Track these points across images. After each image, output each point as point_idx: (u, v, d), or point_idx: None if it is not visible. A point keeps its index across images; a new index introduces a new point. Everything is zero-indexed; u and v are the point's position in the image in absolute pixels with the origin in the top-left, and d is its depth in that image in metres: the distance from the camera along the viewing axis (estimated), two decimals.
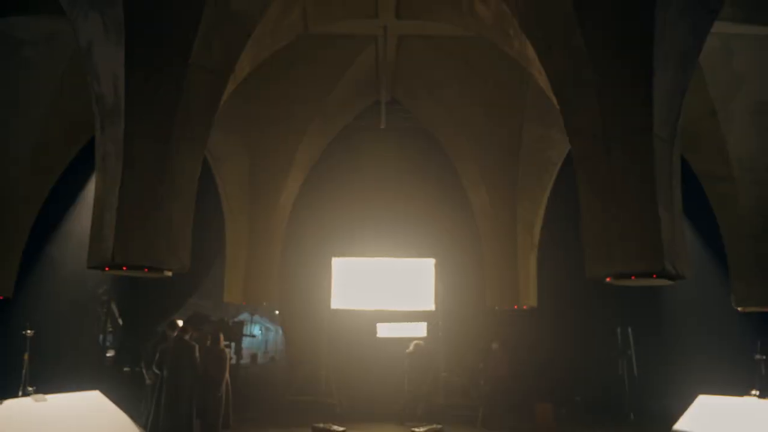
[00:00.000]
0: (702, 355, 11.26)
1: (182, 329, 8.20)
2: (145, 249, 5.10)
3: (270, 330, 29.61)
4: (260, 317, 31.04)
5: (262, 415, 10.93)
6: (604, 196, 5.18)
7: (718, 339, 11.24)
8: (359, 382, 12.03)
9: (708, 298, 11.51)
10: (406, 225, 12.53)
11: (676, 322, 12.11)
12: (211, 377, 8.24)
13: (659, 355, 11.91)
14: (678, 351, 11.78)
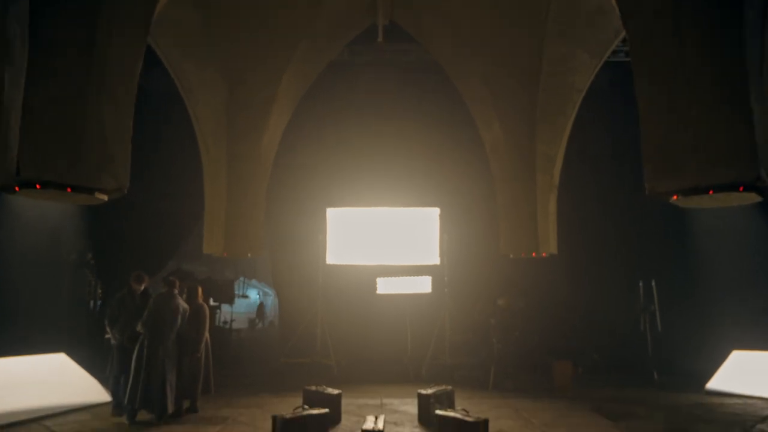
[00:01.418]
0: (735, 309, 10.06)
1: (170, 284, 6.99)
2: (66, 163, 3.79)
3: (268, 295, 28.65)
4: (258, 282, 30.01)
5: (254, 380, 9.85)
6: (672, 88, 3.83)
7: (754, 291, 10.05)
8: (358, 341, 10.92)
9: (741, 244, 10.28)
10: (407, 171, 11.21)
11: (705, 273, 10.87)
12: (188, 336, 7.05)
13: (686, 310, 10.71)
14: (708, 305, 10.56)
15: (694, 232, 11.00)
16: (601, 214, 10.58)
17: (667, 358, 10.29)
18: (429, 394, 6.71)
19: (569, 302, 10.88)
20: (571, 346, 10.64)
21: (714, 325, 10.03)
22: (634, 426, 6.50)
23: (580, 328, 11.09)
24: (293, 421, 5.28)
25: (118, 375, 6.87)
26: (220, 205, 9.26)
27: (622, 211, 10.89)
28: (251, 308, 30.37)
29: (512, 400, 8.16)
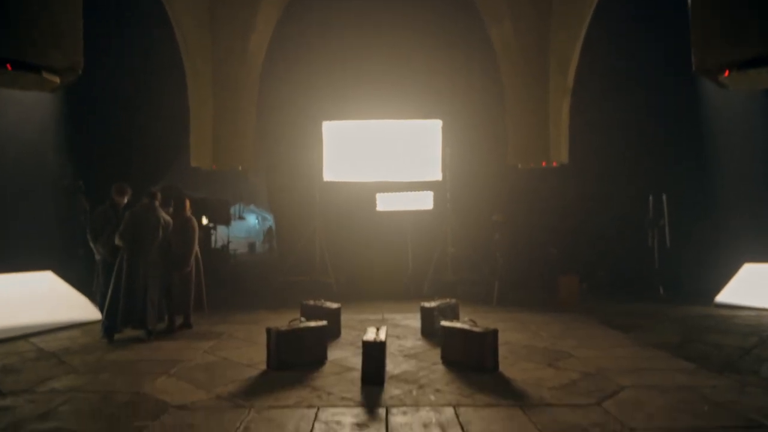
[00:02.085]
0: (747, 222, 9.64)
1: (151, 195, 6.46)
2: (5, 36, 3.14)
3: (267, 220, 28.39)
4: (256, 207, 29.64)
5: (252, 299, 9.58)
6: None
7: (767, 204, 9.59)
8: (358, 259, 10.58)
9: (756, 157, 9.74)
10: (408, 81, 10.45)
11: (718, 187, 10.36)
12: (176, 251, 6.62)
13: (697, 224, 10.28)
14: (719, 220, 10.14)
15: (709, 144, 10.44)
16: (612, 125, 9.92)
17: (674, 273, 9.99)
18: (432, 307, 6.36)
19: (577, 216, 10.44)
20: (576, 261, 10.31)
21: (725, 239, 9.64)
22: (645, 337, 6.18)
23: (587, 244, 10.72)
24: (289, 333, 4.91)
25: (104, 292, 6.48)
26: (206, 112, 8.57)
27: (636, 122, 10.23)
28: (251, 232, 30.23)
29: (517, 314, 7.87)
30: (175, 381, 4.55)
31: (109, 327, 6.13)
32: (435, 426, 3.50)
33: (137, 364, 5.11)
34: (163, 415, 3.71)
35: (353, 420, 3.61)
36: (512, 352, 5.46)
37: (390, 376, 4.63)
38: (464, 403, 3.93)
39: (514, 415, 3.70)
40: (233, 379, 4.57)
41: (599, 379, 4.53)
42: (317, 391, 4.23)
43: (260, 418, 3.65)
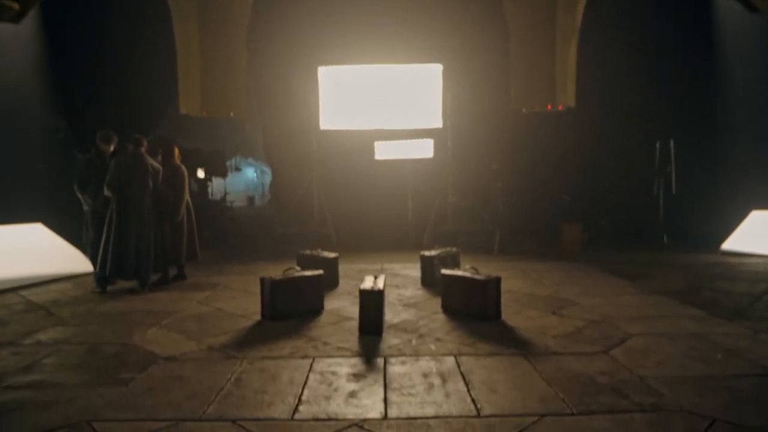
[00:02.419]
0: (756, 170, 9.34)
1: (136, 142, 6.14)
2: None
3: (266, 173, 28.06)
4: (255, 160, 29.24)
5: (250, 251, 9.41)
6: None
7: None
8: (356, 210, 10.36)
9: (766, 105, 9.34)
10: (407, 23, 9.94)
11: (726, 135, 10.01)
12: (166, 200, 6.36)
13: (704, 172, 9.99)
14: (727, 168, 9.84)
15: (719, 89, 10.04)
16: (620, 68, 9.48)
17: (679, 222, 9.76)
18: (432, 256, 6.15)
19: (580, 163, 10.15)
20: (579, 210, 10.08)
21: (732, 186, 9.37)
22: (651, 284, 6.00)
23: (590, 192, 10.46)
24: (284, 282, 4.71)
25: (95, 243, 6.26)
26: (194, 57, 8.14)
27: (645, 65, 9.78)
28: (249, 186, 29.97)
29: (519, 262, 7.69)
30: (166, 332, 4.38)
31: (102, 278, 5.96)
32: (435, 375, 3.33)
33: (128, 316, 4.94)
34: (151, 367, 3.54)
35: (350, 370, 3.44)
36: (515, 301, 5.29)
37: (389, 326, 4.46)
38: (466, 352, 3.76)
39: (518, 363, 3.53)
40: (226, 330, 4.40)
41: (605, 327, 4.35)
42: (313, 341, 4.06)
43: (253, 369, 3.48)
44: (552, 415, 2.75)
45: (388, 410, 2.84)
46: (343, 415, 2.80)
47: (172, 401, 2.99)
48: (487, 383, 3.19)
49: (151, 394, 3.10)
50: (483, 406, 2.87)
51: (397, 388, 3.13)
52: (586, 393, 3.03)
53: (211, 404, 2.94)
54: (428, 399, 2.98)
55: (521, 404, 2.90)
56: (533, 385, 3.15)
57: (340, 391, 3.11)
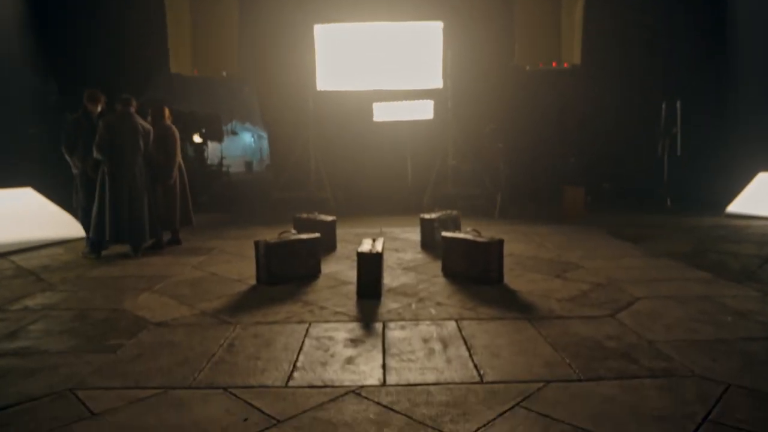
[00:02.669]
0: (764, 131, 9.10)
1: (125, 101, 5.89)
2: None
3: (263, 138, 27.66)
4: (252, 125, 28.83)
5: (246, 216, 9.25)
6: None
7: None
8: (354, 173, 10.15)
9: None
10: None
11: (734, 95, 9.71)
12: (157, 163, 6.15)
13: (711, 133, 9.74)
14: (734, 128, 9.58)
15: (727, 50, 9.69)
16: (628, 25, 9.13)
17: (684, 185, 9.58)
18: (432, 219, 5.99)
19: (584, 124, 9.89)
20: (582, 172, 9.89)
21: (739, 149, 9.13)
22: (656, 247, 5.86)
23: (592, 154, 10.24)
24: (279, 246, 4.55)
25: (86, 207, 6.08)
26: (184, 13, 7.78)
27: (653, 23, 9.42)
28: (247, 151, 29.62)
29: (521, 226, 7.53)
30: (158, 297, 4.24)
31: (95, 243, 5.81)
32: (436, 340, 3.20)
33: (119, 281, 4.80)
34: (141, 333, 3.41)
35: (347, 336, 3.31)
36: (517, 264, 5.14)
37: (387, 290, 4.32)
38: (467, 317, 3.62)
39: (522, 327, 3.40)
40: (220, 295, 4.26)
41: (611, 290, 4.21)
42: (309, 306, 3.92)
43: (246, 334, 3.35)
44: (558, 381, 2.62)
45: (387, 376, 2.71)
46: (339, 381, 2.67)
47: (162, 368, 2.86)
48: (490, 348, 3.06)
49: (139, 360, 2.97)
50: (486, 372, 2.74)
51: (396, 354, 3.00)
52: (594, 358, 2.89)
53: (202, 371, 2.81)
54: (429, 365, 2.85)
55: (526, 370, 2.77)
56: (538, 350, 3.02)
57: (337, 357, 2.98)
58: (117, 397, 2.54)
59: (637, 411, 2.32)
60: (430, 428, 2.21)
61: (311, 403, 2.45)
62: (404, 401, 2.45)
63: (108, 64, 9.10)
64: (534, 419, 2.26)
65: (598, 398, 2.44)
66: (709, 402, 2.38)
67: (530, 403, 2.41)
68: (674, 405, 2.37)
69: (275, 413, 2.35)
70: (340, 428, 2.22)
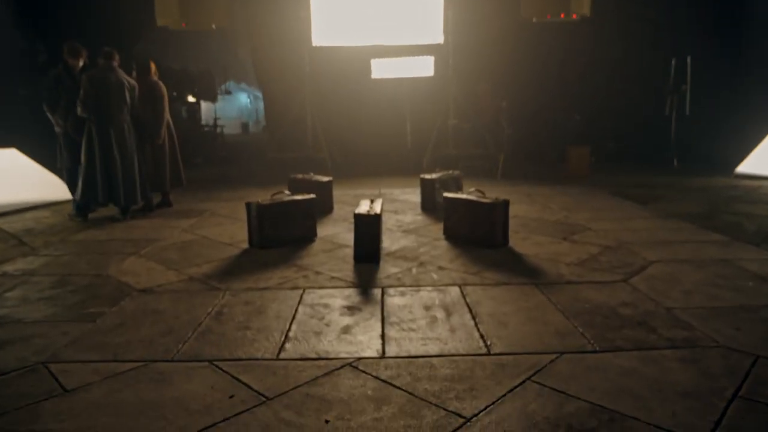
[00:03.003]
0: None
1: (107, 55, 5.52)
2: None
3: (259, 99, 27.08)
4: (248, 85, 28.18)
5: (241, 178, 8.98)
6: None
7: None
8: (352, 133, 9.82)
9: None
10: None
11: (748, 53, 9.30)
12: (145, 120, 5.83)
13: (721, 91, 9.38)
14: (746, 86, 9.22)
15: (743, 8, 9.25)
16: None
17: (691, 144, 9.28)
18: (433, 179, 5.72)
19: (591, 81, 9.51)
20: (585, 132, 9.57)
21: (749, 108, 8.80)
22: (665, 208, 5.62)
23: (597, 111, 9.90)
24: (272, 207, 4.30)
25: (70, 168, 5.79)
26: None
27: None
28: (243, 112, 29.05)
29: (524, 187, 7.28)
30: (144, 262, 4.01)
31: (82, 206, 5.55)
32: (438, 308, 2.98)
33: (105, 245, 4.56)
34: (124, 300, 3.19)
35: (344, 303, 3.09)
36: (522, 226, 4.90)
37: (386, 253, 4.09)
38: (471, 282, 3.40)
39: (530, 294, 3.18)
40: (210, 259, 4.03)
41: (622, 253, 3.99)
42: (304, 271, 3.70)
43: (236, 301, 3.13)
44: (572, 353, 2.41)
45: (386, 348, 2.50)
46: (335, 353, 2.46)
47: (144, 339, 2.64)
48: (497, 316, 2.85)
49: (120, 330, 2.76)
50: (493, 343, 2.53)
51: (396, 323, 2.78)
52: (609, 327, 2.68)
53: (187, 342, 2.59)
54: (431, 335, 2.63)
55: (536, 340, 2.55)
56: (548, 318, 2.80)
57: (333, 326, 2.77)
58: (93, 372, 2.32)
59: (659, 386, 2.11)
60: (434, 406, 2.00)
61: (304, 377, 2.24)
62: (405, 375, 2.24)
63: (92, 18, 8.65)
64: (547, 396, 2.06)
65: (616, 371, 2.24)
66: (737, 376, 2.18)
67: (542, 377, 2.20)
68: (699, 379, 2.16)
69: (264, 389, 2.14)
70: (335, 406, 2.01)
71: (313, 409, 2.00)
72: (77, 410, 2.02)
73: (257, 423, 1.91)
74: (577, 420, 1.89)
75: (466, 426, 1.88)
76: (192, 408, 2.02)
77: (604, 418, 1.90)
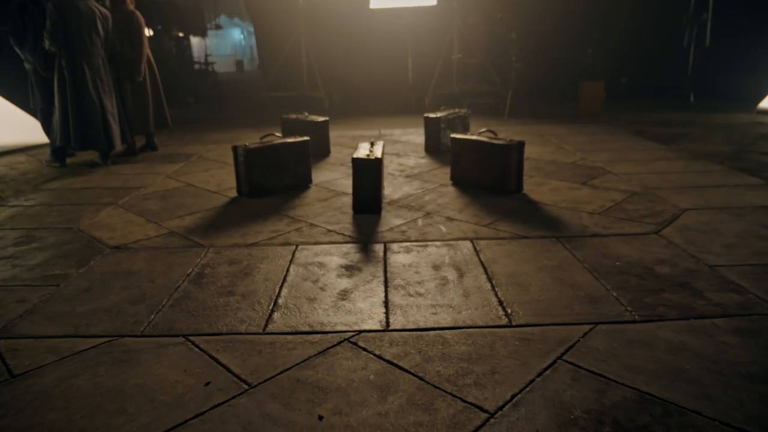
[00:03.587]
0: None
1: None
2: None
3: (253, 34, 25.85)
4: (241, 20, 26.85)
5: (232, 118, 8.43)
6: None
7: None
8: (350, 70, 9.17)
9: None
10: None
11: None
12: (123, 56, 5.27)
13: (744, 21, 8.64)
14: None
15: None
16: None
17: (710, 78, 8.66)
18: (438, 118, 5.21)
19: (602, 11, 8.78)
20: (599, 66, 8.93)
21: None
22: (690, 148, 5.15)
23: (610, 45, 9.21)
24: (261, 151, 3.84)
25: (44, 108, 5.28)
26: None
27: None
28: (237, 49, 27.85)
29: (534, 126, 6.77)
30: (121, 213, 3.60)
31: (59, 150, 5.09)
32: (449, 267, 2.60)
33: (81, 194, 4.14)
34: (94, 260, 2.80)
35: (341, 261, 2.70)
36: (536, 169, 4.46)
37: (388, 202, 3.68)
38: (485, 235, 3.00)
39: (552, 249, 2.78)
40: (193, 210, 3.62)
41: (649, 200, 3.57)
42: (297, 223, 3.29)
43: (220, 260, 2.74)
44: (607, 323, 2.04)
45: (391, 317, 2.13)
46: (331, 325, 2.09)
47: (111, 308, 2.27)
48: (516, 277, 2.46)
49: (86, 297, 2.38)
50: (515, 311, 2.15)
51: (401, 286, 2.41)
52: (646, 290, 2.30)
53: (161, 311, 2.22)
54: (442, 300, 2.26)
55: (564, 307, 2.18)
56: (576, 279, 2.42)
57: (329, 290, 2.39)
58: (48, 350, 1.97)
59: (717, 366, 1.75)
60: (449, 396, 1.64)
61: (294, 357, 1.88)
62: (413, 354, 1.87)
63: None
64: (584, 381, 1.70)
65: (663, 347, 1.87)
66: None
67: (576, 355, 1.84)
68: (764, 358, 1.80)
69: (247, 373, 1.79)
70: (331, 396, 1.66)
71: (304, 401, 1.64)
72: (22, 403, 1.67)
73: (237, 419, 1.56)
74: (624, 414, 1.54)
75: (489, 423, 1.52)
76: (159, 399, 1.67)
77: (656, 411, 1.55)
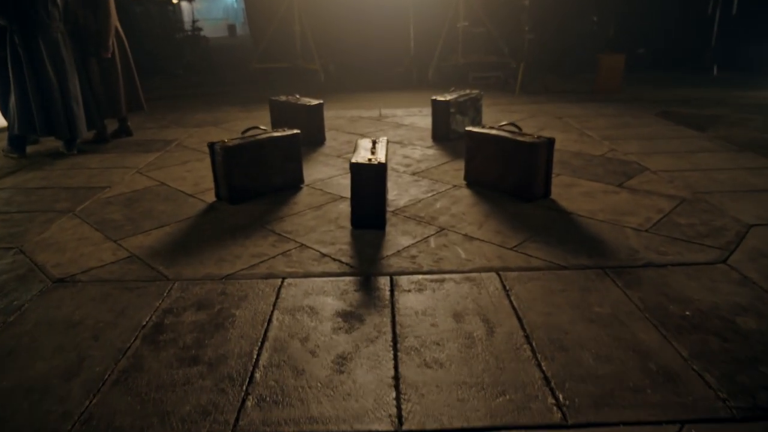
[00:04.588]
0: None
1: None
2: None
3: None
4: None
5: (221, 93, 7.73)
6: None
7: None
8: (348, 41, 8.42)
9: None
10: None
11: None
12: (87, 29, 4.56)
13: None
14: None
15: None
16: None
17: (734, 49, 7.94)
18: (447, 101, 4.55)
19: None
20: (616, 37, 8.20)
21: None
22: (730, 135, 4.52)
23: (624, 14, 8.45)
24: (242, 150, 3.22)
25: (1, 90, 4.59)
26: None
27: None
28: (229, 13, 26.60)
29: (549, 105, 6.10)
30: (76, 226, 3.00)
31: (17, 138, 4.44)
32: (473, 316, 2.02)
33: (35, 196, 3.52)
34: (28, 302, 2.21)
35: (337, 305, 2.13)
36: (562, 164, 3.85)
37: (394, 210, 3.09)
38: (513, 264, 2.42)
39: (600, 288, 2.20)
40: (162, 221, 3.02)
41: (703, 210, 2.97)
42: (284, 243, 2.70)
43: (186, 302, 2.16)
44: (698, 422, 1.47)
45: (403, 408, 1.57)
46: (323, 423, 1.52)
47: (35, 384, 1.71)
48: (561, 334, 1.89)
49: (5, 365, 1.81)
50: (568, 398, 1.59)
51: (415, 349, 1.83)
52: (736, 360, 1.73)
53: (99, 392, 1.65)
54: (469, 376, 1.69)
55: (635, 390, 1.61)
56: (640, 340, 1.84)
57: (321, 356, 1.82)
58: None
59: None
60: None
61: None
62: None
63: None
64: None
65: None
66: None
67: None
68: None
69: None
70: None
71: None
72: None
73: None
74: None
75: None
76: None
77: None
